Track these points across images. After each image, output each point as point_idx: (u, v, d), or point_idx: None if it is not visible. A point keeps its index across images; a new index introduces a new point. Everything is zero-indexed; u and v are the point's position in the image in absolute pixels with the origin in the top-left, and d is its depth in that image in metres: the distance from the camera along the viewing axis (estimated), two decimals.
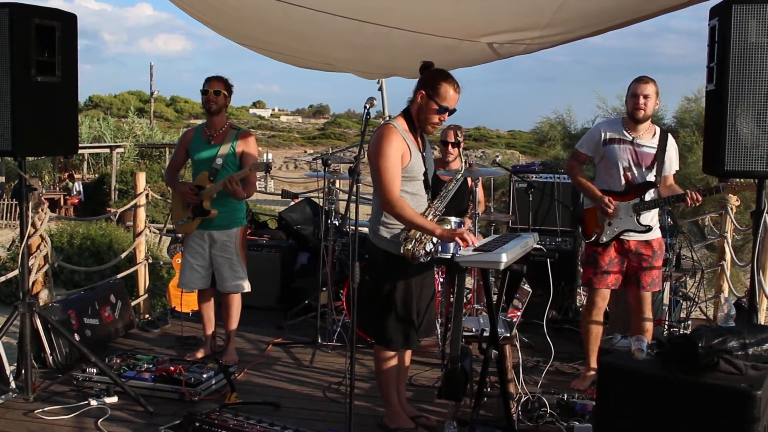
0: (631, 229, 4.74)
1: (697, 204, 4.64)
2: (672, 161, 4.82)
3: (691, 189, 4.64)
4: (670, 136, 4.82)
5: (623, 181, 4.77)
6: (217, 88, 5.10)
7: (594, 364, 4.98)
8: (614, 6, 4.70)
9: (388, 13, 5.04)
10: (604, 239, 4.79)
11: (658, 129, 4.82)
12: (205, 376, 4.66)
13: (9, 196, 23.40)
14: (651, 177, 4.73)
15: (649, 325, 4.86)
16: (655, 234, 4.83)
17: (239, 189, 5.01)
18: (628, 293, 5.01)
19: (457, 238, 3.68)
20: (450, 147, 5.88)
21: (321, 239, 6.03)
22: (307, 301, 6.47)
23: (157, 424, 4.16)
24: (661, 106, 14.98)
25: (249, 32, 6.12)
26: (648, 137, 4.76)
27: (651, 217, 4.80)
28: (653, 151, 4.73)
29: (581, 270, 4.94)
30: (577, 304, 6.64)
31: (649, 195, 4.73)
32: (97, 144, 31.90)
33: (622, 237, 4.77)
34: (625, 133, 4.76)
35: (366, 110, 3.75)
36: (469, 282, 5.59)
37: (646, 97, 4.64)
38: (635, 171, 4.74)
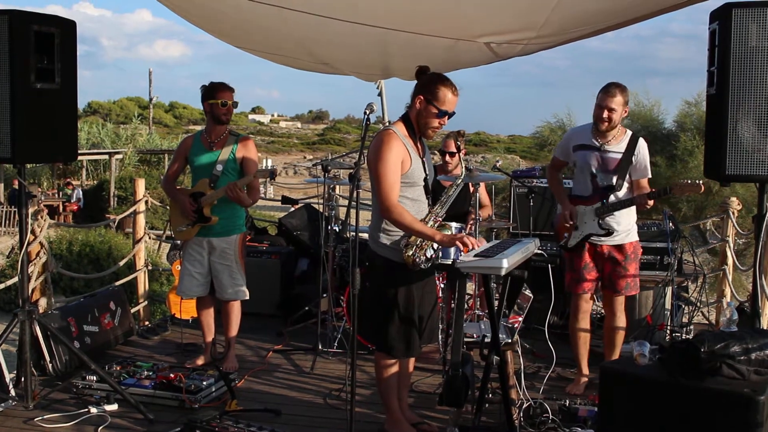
0: (593, 233, 4.75)
1: (647, 208, 4.66)
2: (643, 167, 4.75)
3: (641, 193, 4.66)
4: (642, 141, 4.77)
5: (590, 187, 4.79)
6: (234, 101, 5.11)
7: (585, 369, 4.99)
8: (610, 6, 4.70)
9: (384, 14, 5.03)
10: (572, 243, 4.82)
11: (629, 134, 4.78)
12: (205, 383, 4.65)
13: (6, 202, 23.40)
14: (615, 181, 4.71)
15: (621, 329, 4.90)
16: (629, 238, 4.81)
17: (243, 195, 5.00)
18: (602, 297, 5.03)
19: (457, 243, 3.66)
20: (448, 156, 5.88)
21: (321, 245, 6.02)
22: (307, 308, 6.45)
23: (157, 431, 4.15)
24: (661, 111, 15.01)
25: (247, 36, 6.12)
26: (615, 143, 4.73)
27: (623, 221, 4.77)
28: (619, 156, 4.71)
29: (566, 274, 4.95)
30: None
31: (612, 199, 4.72)
32: (96, 150, 31.88)
33: (594, 241, 4.78)
34: (593, 140, 4.76)
35: (366, 116, 3.74)
36: (470, 288, 5.57)
37: (610, 110, 4.61)
38: (601, 176, 4.75)
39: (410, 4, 4.92)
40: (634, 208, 4.75)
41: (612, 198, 4.71)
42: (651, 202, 4.62)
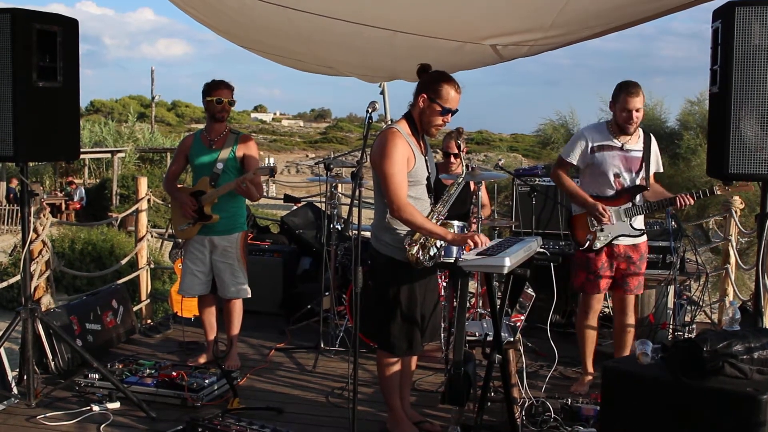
0: (625, 233, 4.73)
1: (689, 205, 4.64)
2: (657, 162, 4.81)
3: (682, 192, 4.65)
4: (652, 136, 4.81)
5: (615, 188, 4.75)
6: (230, 99, 5.10)
7: (590, 367, 4.98)
8: (617, 7, 4.69)
9: (390, 16, 5.03)
10: (598, 245, 4.76)
11: (641, 131, 4.78)
12: (207, 381, 4.65)
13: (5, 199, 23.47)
14: (640, 181, 4.72)
15: (632, 328, 4.88)
16: (643, 237, 4.83)
17: (252, 189, 4.99)
18: (612, 296, 5.02)
19: (469, 241, 3.66)
20: (452, 158, 5.87)
21: (323, 244, 6.01)
22: (309, 306, 6.45)
23: (160, 429, 4.16)
24: (664, 109, 15.00)
25: (252, 36, 6.11)
26: (635, 141, 4.72)
27: (641, 220, 4.81)
28: (640, 155, 4.71)
29: (575, 274, 4.91)
30: None
31: (639, 199, 4.72)
32: (98, 149, 31.88)
33: (617, 241, 4.76)
34: (614, 139, 4.72)
35: (368, 114, 3.73)
36: (473, 286, 5.57)
37: (638, 110, 4.60)
38: (625, 176, 4.72)
39: (417, 7, 4.91)
40: None
41: (638, 198, 4.70)
42: (692, 201, 4.60)
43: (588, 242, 4.78)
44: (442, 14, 4.95)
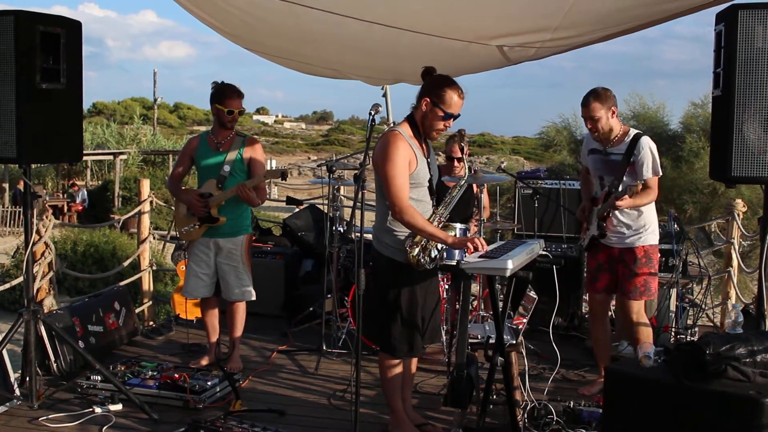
0: (594, 234, 4.78)
1: (617, 209, 4.60)
2: (646, 166, 4.61)
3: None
4: (644, 140, 4.62)
5: (600, 189, 4.82)
6: (241, 109, 5.11)
7: (602, 371, 4.96)
8: (623, 9, 4.69)
9: (398, 14, 5.03)
10: (584, 243, 4.91)
11: (632, 133, 4.67)
12: (209, 383, 4.65)
13: (10, 202, 23.50)
14: (621, 184, 4.66)
15: (642, 331, 4.82)
16: (642, 241, 4.71)
17: (253, 195, 5.00)
18: (616, 300, 5.04)
19: (469, 244, 3.66)
20: (456, 162, 5.87)
21: (325, 246, 6.01)
22: (311, 308, 6.45)
23: (162, 431, 4.15)
24: (667, 112, 14.97)
25: (258, 37, 6.11)
26: (617, 145, 4.70)
27: (633, 223, 4.70)
28: (620, 158, 4.68)
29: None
30: (583, 311, 6.62)
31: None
32: (100, 151, 31.90)
33: (608, 243, 4.77)
34: (598, 144, 4.77)
35: (371, 117, 3.73)
36: (475, 289, 5.57)
37: (592, 119, 4.60)
38: (607, 179, 4.75)
39: (425, 5, 4.92)
40: (652, 208, 4.71)
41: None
42: (620, 203, 4.51)
43: (581, 240, 4.99)
44: (449, 13, 4.95)
